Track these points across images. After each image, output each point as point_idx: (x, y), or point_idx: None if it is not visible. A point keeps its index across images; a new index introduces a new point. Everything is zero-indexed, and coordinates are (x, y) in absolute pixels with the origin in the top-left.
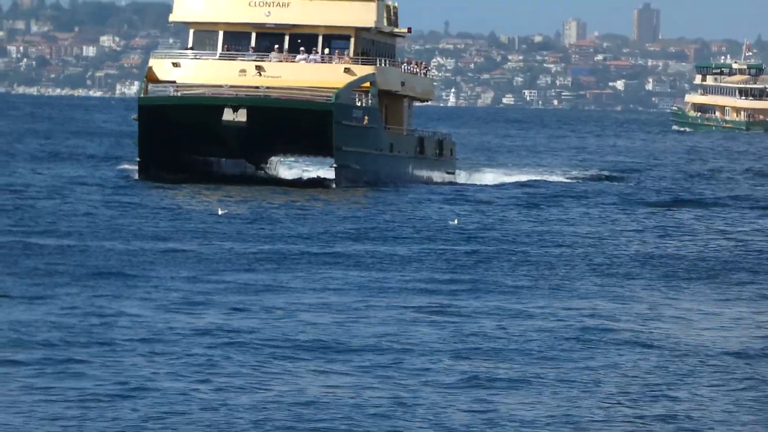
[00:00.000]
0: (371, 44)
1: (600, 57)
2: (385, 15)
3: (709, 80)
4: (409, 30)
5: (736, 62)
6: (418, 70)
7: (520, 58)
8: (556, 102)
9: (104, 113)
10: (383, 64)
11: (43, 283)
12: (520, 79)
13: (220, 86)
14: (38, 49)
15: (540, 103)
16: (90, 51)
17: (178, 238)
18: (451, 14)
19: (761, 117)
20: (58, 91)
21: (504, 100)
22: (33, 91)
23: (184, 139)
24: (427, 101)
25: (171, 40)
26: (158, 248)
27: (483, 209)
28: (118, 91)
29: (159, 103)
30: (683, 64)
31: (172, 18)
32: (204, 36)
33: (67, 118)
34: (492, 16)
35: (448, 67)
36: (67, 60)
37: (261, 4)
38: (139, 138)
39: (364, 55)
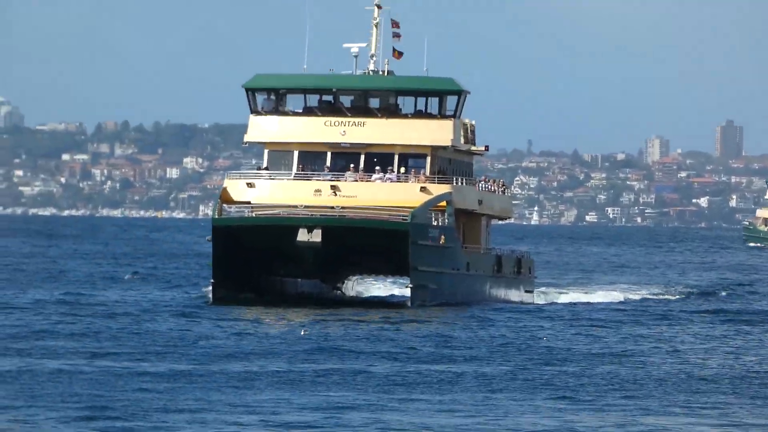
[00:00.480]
0: (448, 162)
1: (683, 174)
2: (462, 133)
3: None
4: (487, 148)
5: None
6: (495, 188)
7: (603, 175)
8: (639, 219)
9: (186, 234)
10: (460, 183)
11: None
12: (603, 197)
13: (295, 206)
14: (122, 171)
15: (623, 220)
16: (173, 173)
17: (273, 358)
18: (535, 133)
19: None
20: (141, 212)
21: (587, 218)
22: (117, 213)
23: (259, 260)
24: (506, 219)
25: (254, 161)
26: (264, 370)
27: (571, 327)
28: (201, 213)
29: (233, 224)
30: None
31: (247, 138)
32: (279, 156)
33: (151, 239)
34: (575, 134)
35: (531, 185)
36: (150, 182)
37: (336, 123)
38: (213, 259)
39: (441, 173)
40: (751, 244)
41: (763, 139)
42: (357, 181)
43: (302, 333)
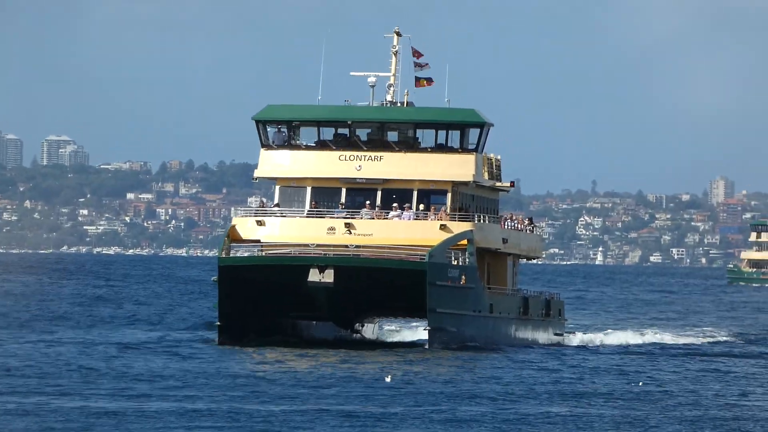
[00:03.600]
0: (470, 199)
1: (748, 215)
2: (485, 168)
3: (764, 237)
4: (512, 184)
5: None
6: (522, 226)
7: (668, 216)
8: (704, 260)
9: None
10: (483, 220)
11: None
12: (667, 238)
13: (307, 245)
14: (187, 211)
15: (688, 261)
16: (238, 212)
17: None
18: (599, 173)
19: None
20: (206, 252)
21: (651, 258)
22: (182, 252)
23: (269, 301)
24: (535, 259)
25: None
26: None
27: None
28: None
29: (240, 263)
30: None
31: (257, 174)
32: (291, 192)
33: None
34: (639, 174)
35: (596, 226)
36: (214, 221)
37: (352, 158)
38: (219, 300)
39: (463, 210)
40: (734, 284)
41: None
42: (373, 218)
43: (387, 380)
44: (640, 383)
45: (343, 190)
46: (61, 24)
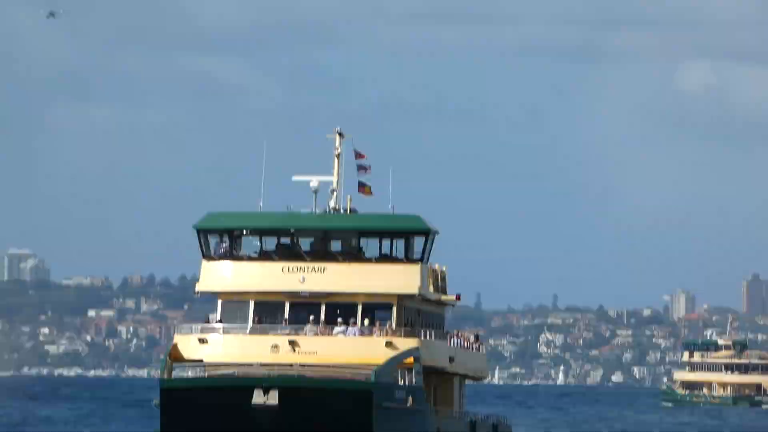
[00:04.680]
0: (416, 313)
1: (710, 331)
2: (430, 280)
3: (696, 357)
4: (458, 297)
5: (722, 338)
6: (469, 343)
7: (629, 332)
8: (666, 379)
9: None
10: (429, 337)
11: None
12: (629, 356)
13: (251, 365)
14: (148, 328)
15: (650, 380)
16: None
17: None
18: (560, 287)
19: (747, 391)
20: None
21: (613, 378)
22: (143, 373)
23: (213, 425)
24: (481, 380)
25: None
26: None
27: None
28: None
29: (183, 385)
30: None
31: (198, 288)
32: (234, 307)
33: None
34: (600, 288)
35: (557, 343)
36: None
37: (295, 269)
38: (161, 426)
39: (408, 325)
40: (667, 404)
41: None
42: (317, 335)
43: None
44: None
45: (287, 305)
46: (19, 133)
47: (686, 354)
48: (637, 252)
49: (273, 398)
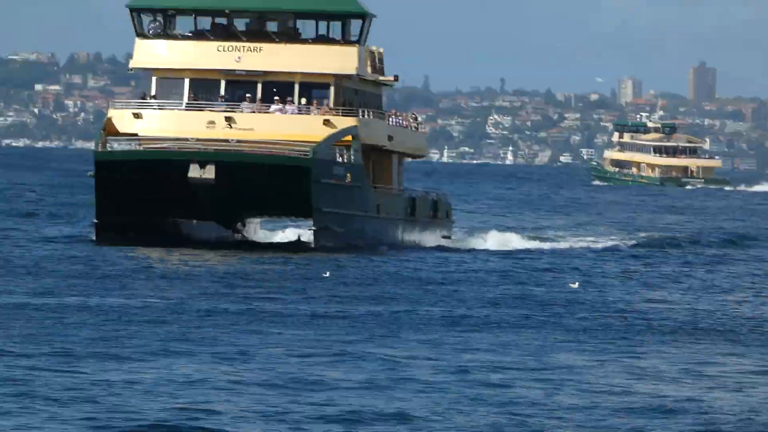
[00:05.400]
0: (354, 93)
1: (656, 115)
2: (368, 61)
3: (626, 137)
4: (396, 78)
5: (651, 121)
6: (408, 123)
7: (577, 116)
8: (594, 156)
9: None
10: (367, 116)
11: None
12: (577, 138)
13: (186, 139)
14: (95, 103)
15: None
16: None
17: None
18: (507, 72)
19: (674, 173)
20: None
21: (561, 159)
22: (91, 145)
23: (148, 199)
24: (420, 157)
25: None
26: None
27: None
28: None
29: (117, 158)
30: (740, 123)
31: (132, 64)
32: (169, 84)
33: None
34: (548, 74)
35: (505, 125)
36: None
37: (231, 48)
38: (96, 197)
39: (347, 105)
40: (596, 183)
41: (735, 81)
42: (254, 112)
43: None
44: (576, 284)
45: (223, 83)
46: None
47: (616, 135)
48: (587, 37)
49: (210, 172)
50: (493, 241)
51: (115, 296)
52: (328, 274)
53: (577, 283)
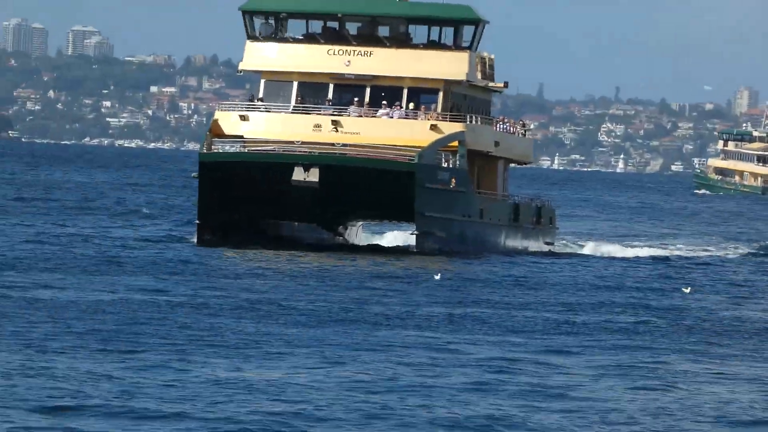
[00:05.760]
0: (462, 99)
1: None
2: (478, 67)
3: (731, 146)
4: (506, 84)
5: (756, 130)
6: (515, 129)
7: (690, 125)
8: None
9: None
10: (475, 122)
11: None
12: (689, 147)
13: (292, 142)
14: (209, 105)
15: None
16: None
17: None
18: (623, 80)
19: None
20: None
21: (673, 167)
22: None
23: (250, 201)
24: (526, 164)
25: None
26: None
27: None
28: None
29: (222, 159)
30: None
31: (242, 66)
32: (277, 87)
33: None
34: (663, 83)
35: (618, 133)
36: None
37: (341, 52)
38: (199, 198)
39: (455, 110)
40: (700, 192)
41: None
42: (361, 116)
43: (437, 277)
44: (688, 289)
45: (331, 86)
46: None
47: (720, 143)
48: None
49: (314, 176)
50: (590, 249)
51: (218, 294)
52: (438, 276)
53: (689, 288)
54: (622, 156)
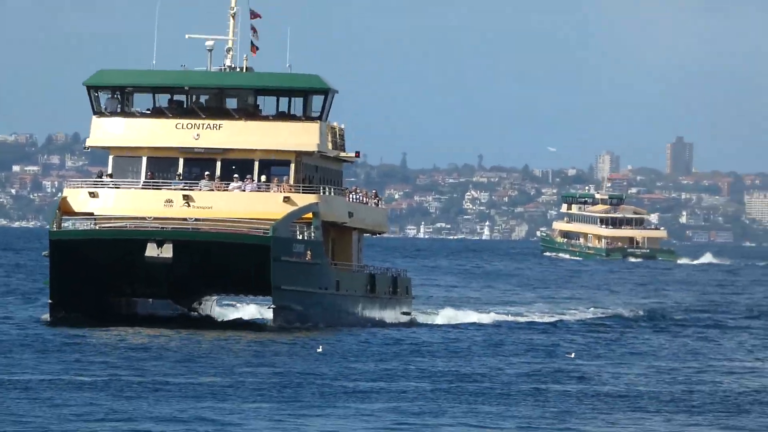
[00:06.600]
0: (314, 170)
1: (634, 190)
2: (329, 137)
3: (574, 209)
4: (357, 154)
5: (598, 192)
6: (368, 199)
7: (554, 191)
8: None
9: None
10: (328, 193)
11: None
12: (553, 212)
13: (144, 218)
14: None
15: None
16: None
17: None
18: (485, 148)
19: (620, 244)
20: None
21: (537, 233)
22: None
23: (103, 278)
24: (380, 234)
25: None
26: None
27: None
28: None
29: (73, 237)
30: (717, 197)
31: (89, 143)
32: (126, 162)
33: None
34: (525, 150)
35: (482, 201)
36: None
37: (189, 126)
38: (50, 277)
39: (307, 182)
40: (547, 254)
41: (712, 155)
42: (213, 190)
43: (319, 350)
44: (572, 354)
45: (181, 161)
46: None
47: (564, 206)
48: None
49: (167, 251)
50: (446, 317)
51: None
52: (321, 349)
53: (573, 353)
54: (487, 223)
